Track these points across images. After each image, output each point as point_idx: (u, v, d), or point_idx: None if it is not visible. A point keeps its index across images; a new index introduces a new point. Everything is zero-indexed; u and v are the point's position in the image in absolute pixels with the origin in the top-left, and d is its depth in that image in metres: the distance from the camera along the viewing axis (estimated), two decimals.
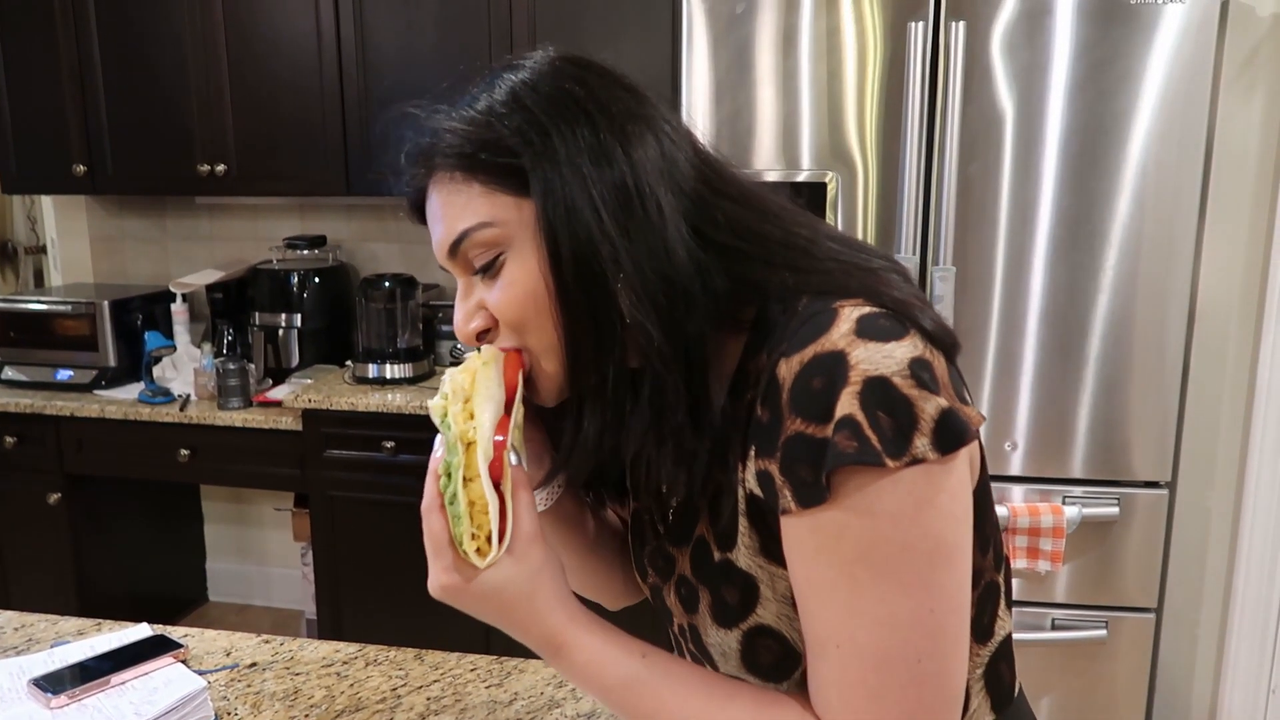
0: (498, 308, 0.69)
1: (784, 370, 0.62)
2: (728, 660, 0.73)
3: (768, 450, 0.64)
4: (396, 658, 1.21)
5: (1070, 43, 1.89)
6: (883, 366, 0.59)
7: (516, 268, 0.68)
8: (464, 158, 0.68)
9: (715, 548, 0.72)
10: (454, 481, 0.65)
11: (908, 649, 0.61)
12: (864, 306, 0.63)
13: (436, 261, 0.74)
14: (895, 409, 0.59)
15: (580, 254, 0.66)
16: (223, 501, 3.30)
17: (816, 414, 0.60)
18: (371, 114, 2.62)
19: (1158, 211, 1.92)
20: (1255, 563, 2.01)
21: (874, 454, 0.58)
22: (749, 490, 0.67)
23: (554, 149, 0.66)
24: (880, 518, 0.60)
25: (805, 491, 0.61)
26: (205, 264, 3.08)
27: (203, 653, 1.22)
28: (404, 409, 2.45)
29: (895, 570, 0.60)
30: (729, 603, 0.71)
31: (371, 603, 2.61)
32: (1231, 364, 2.04)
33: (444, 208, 0.70)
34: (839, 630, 0.62)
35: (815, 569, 0.63)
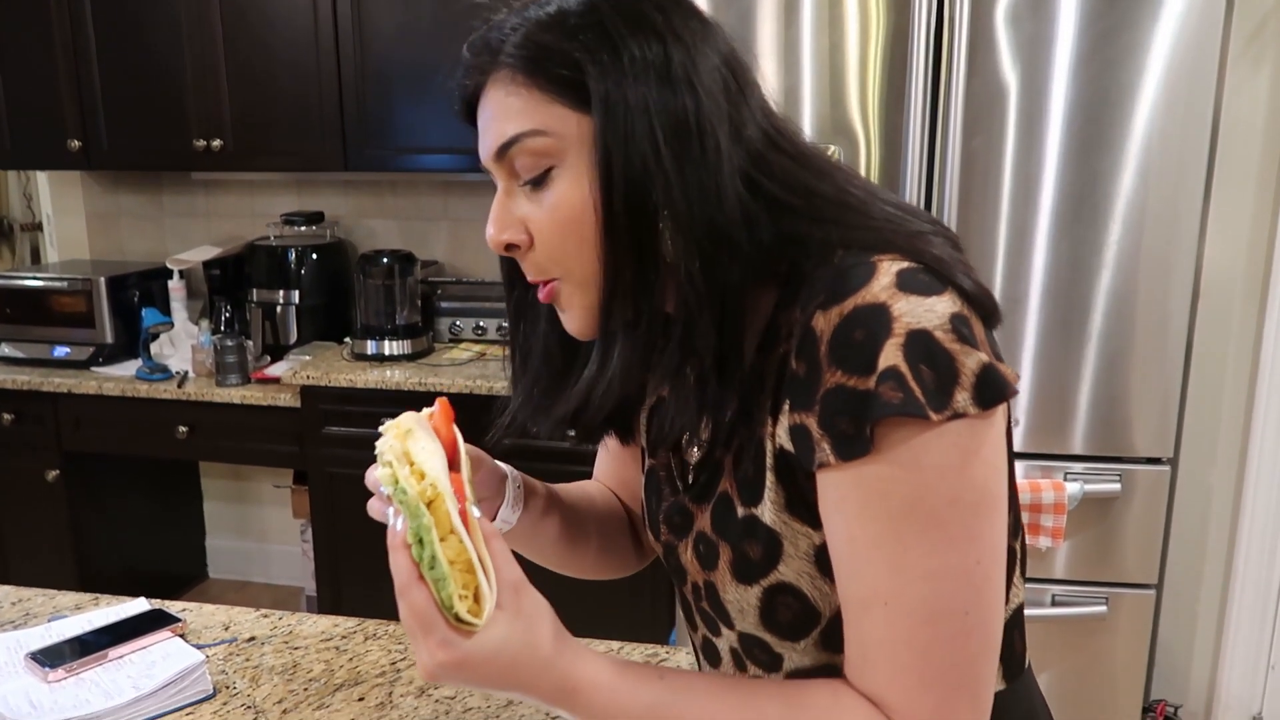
0: (541, 228, 0.67)
1: (821, 322, 0.61)
2: (745, 617, 0.72)
3: (804, 403, 0.63)
4: (395, 632, 1.21)
5: (1075, 14, 1.86)
6: (924, 320, 0.59)
7: (566, 186, 0.66)
8: (528, 60, 0.65)
9: (739, 503, 0.70)
10: (429, 545, 0.61)
11: (955, 602, 0.61)
12: (902, 261, 0.62)
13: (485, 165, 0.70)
14: (937, 362, 0.58)
15: (632, 183, 0.63)
16: (222, 478, 3.30)
17: (858, 365, 0.59)
18: (369, 89, 2.59)
19: (1162, 186, 1.90)
20: (1256, 540, 2.01)
21: (918, 406, 0.58)
22: (779, 445, 0.66)
23: (622, 68, 0.64)
24: (927, 470, 0.59)
25: (846, 444, 0.60)
26: (202, 240, 3.06)
27: (201, 627, 1.22)
28: (403, 385, 2.44)
29: (943, 523, 0.60)
30: (751, 558, 0.70)
31: (371, 579, 2.61)
32: (1235, 340, 2.03)
33: (499, 108, 0.67)
34: (886, 587, 0.61)
35: (860, 525, 0.62)
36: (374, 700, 1.06)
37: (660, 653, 1.15)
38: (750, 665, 0.76)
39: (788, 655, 0.72)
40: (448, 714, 1.04)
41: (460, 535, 0.62)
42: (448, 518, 0.62)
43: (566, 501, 0.91)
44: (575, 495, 0.94)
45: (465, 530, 0.62)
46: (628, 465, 0.96)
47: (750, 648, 0.75)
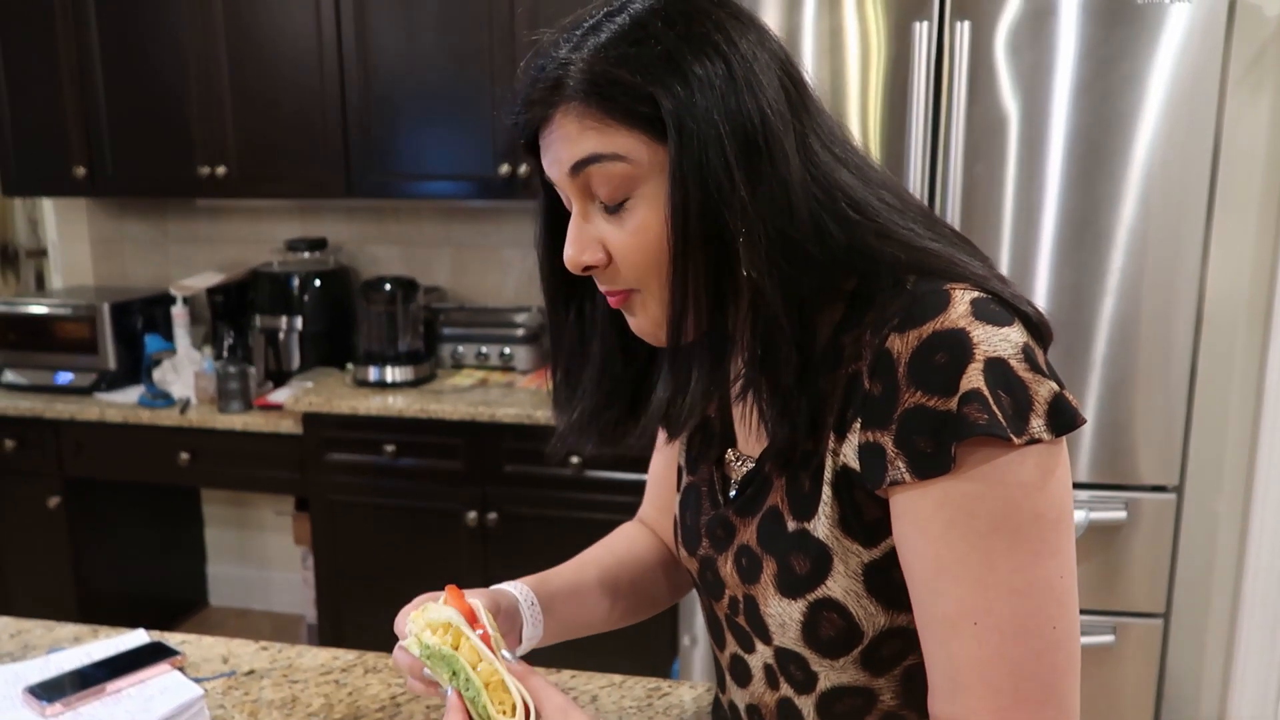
0: (622, 250, 0.69)
1: (899, 344, 0.63)
2: (786, 632, 0.72)
3: (879, 422, 0.64)
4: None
5: (1075, 43, 1.87)
6: (1000, 349, 0.61)
7: (648, 212, 0.67)
8: (598, 94, 0.66)
9: (790, 517, 0.71)
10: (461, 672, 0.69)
11: (1042, 617, 0.62)
12: (973, 290, 0.64)
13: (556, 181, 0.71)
14: (1014, 389, 0.61)
15: (708, 209, 0.65)
16: (223, 505, 3.29)
17: (940, 387, 0.61)
18: (372, 115, 2.61)
19: (1164, 213, 1.90)
20: (1264, 568, 1.99)
21: (1002, 428, 0.60)
22: (842, 463, 0.67)
23: (692, 95, 0.65)
24: (1011, 488, 0.61)
25: (923, 462, 0.62)
26: (205, 266, 3.07)
27: (200, 660, 1.21)
28: (405, 412, 2.43)
29: (1028, 539, 0.61)
30: (798, 572, 0.70)
31: (372, 607, 2.60)
32: (1239, 367, 2.02)
33: (574, 132, 0.67)
34: (975, 605, 0.62)
35: (946, 544, 0.62)
36: None
37: (662, 686, 1.14)
38: (784, 682, 0.76)
39: (824, 673, 0.72)
40: None
41: (488, 659, 0.69)
42: (473, 650, 0.69)
43: (591, 582, 0.92)
44: (600, 570, 0.94)
45: (492, 654, 0.69)
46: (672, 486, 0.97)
47: (786, 664, 0.74)
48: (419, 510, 2.50)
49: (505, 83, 2.50)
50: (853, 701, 0.73)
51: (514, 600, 0.85)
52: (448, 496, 2.47)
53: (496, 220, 2.92)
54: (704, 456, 0.83)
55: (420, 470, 2.48)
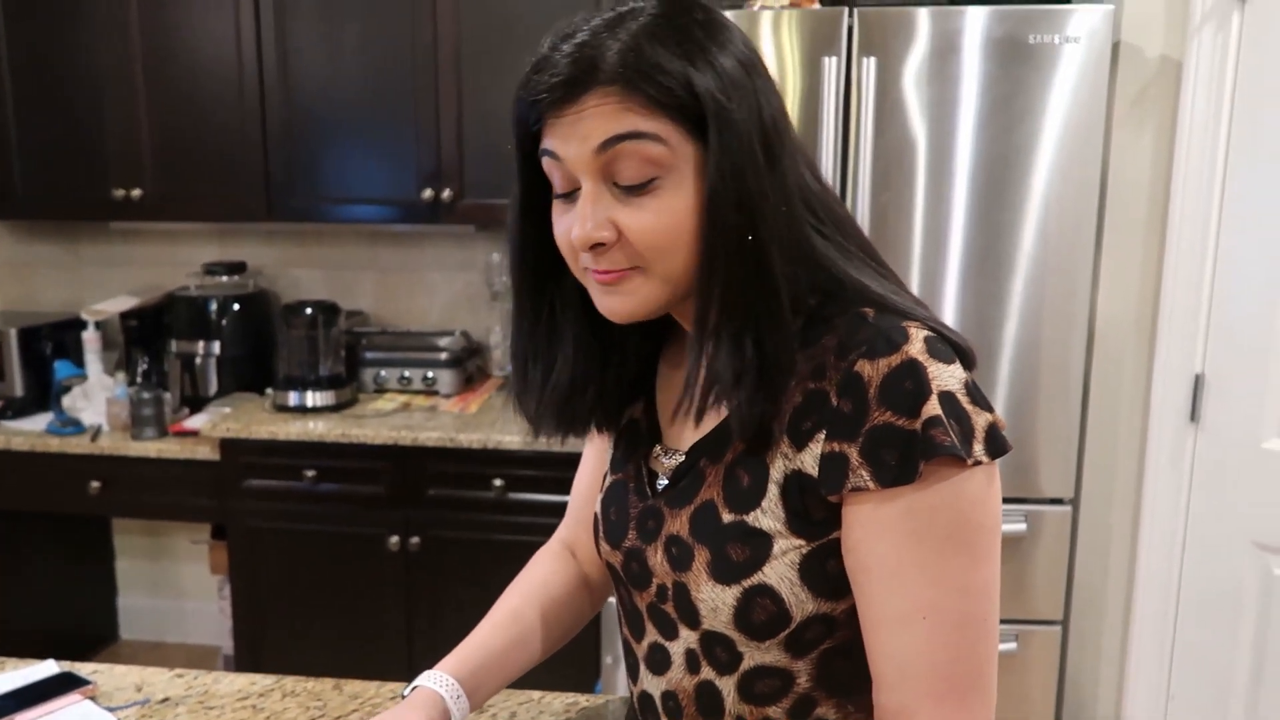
0: (641, 232, 0.72)
1: (868, 370, 0.70)
2: (717, 616, 0.77)
3: (845, 435, 0.71)
4: (314, 688, 1.20)
5: (976, 79, 1.98)
6: (949, 384, 0.70)
7: (674, 199, 0.71)
8: (641, 74, 0.69)
9: (725, 509, 0.77)
10: None
11: (979, 611, 0.71)
12: (924, 328, 0.72)
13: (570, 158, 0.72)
14: (961, 419, 0.70)
15: (743, 205, 0.70)
16: (135, 535, 3.20)
17: (907, 410, 0.69)
18: (294, 138, 2.60)
19: (1059, 241, 2.01)
20: (1154, 575, 2.10)
21: (958, 450, 0.69)
22: (795, 468, 0.74)
23: (726, 93, 0.70)
24: (964, 501, 0.70)
25: (889, 473, 0.69)
26: (119, 290, 3.00)
27: (112, 689, 1.19)
28: (326, 437, 2.42)
29: (973, 546, 0.71)
30: (734, 560, 0.75)
31: (293, 636, 2.56)
32: (1128, 385, 2.15)
33: (617, 109, 0.70)
34: (927, 601, 0.70)
35: (908, 548, 0.70)
36: None
37: (580, 700, 1.17)
38: (706, 666, 0.80)
39: (749, 654, 0.78)
40: None
41: None
42: None
43: (512, 642, 0.95)
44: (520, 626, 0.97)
45: None
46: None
47: (711, 647, 0.79)
48: (340, 535, 2.48)
49: (429, 106, 2.52)
50: (772, 682, 0.78)
51: (440, 703, 0.88)
52: (370, 521, 2.46)
53: (420, 244, 2.92)
54: (631, 454, 0.88)
55: (342, 495, 2.46)
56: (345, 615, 2.52)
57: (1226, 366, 1.97)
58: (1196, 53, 1.97)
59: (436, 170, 2.56)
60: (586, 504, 1.03)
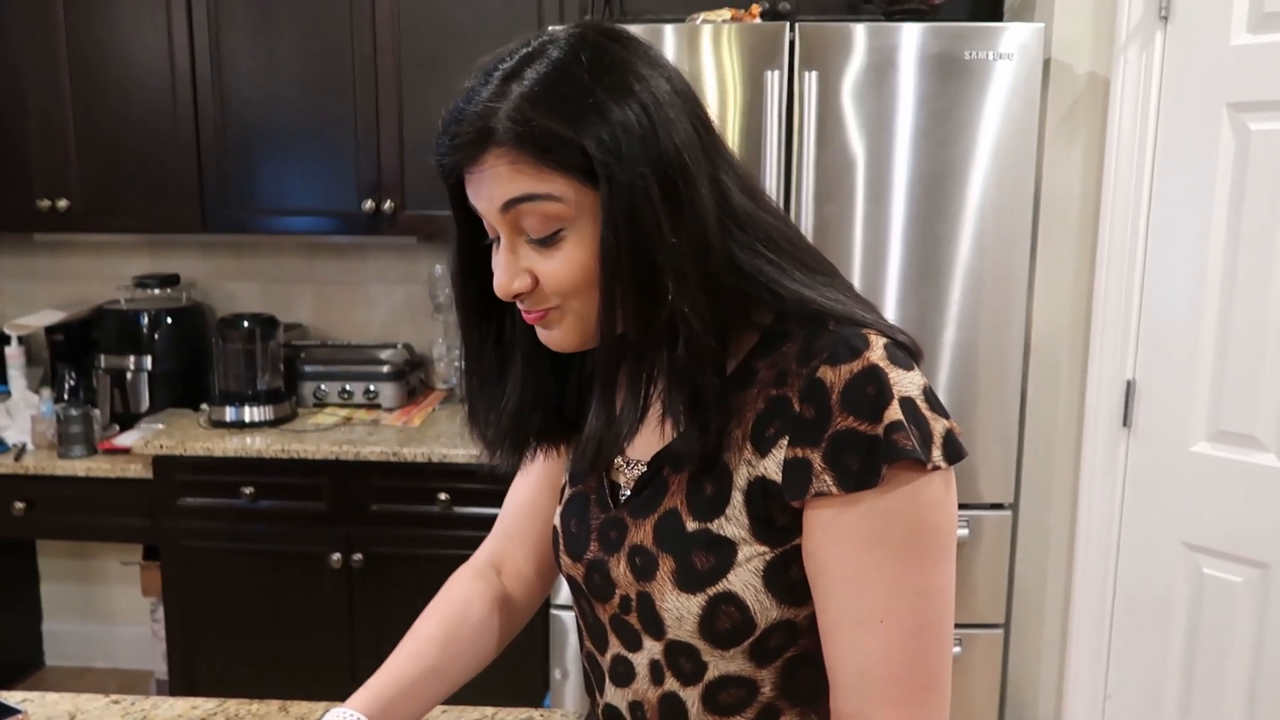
0: (552, 278, 0.74)
1: (830, 375, 0.71)
2: (682, 625, 0.77)
3: (808, 441, 0.72)
4: (259, 710, 1.17)
5: (913, 94, 2.02)
6: (909, 390, 0.72)
7: (576, 246, 0.73)
8: (528, 139, 0.70)
9: (689, 518, 0.77)
10: None
11: (936, 615, 0.72)
12: (883, 336, 0.74)
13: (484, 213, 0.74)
14: (920, 425, 0.71)
15: (637, 249, 0.71)
16: (62, 557, 3.08)
17: (869, 415, 0.70)
18: (229, 147, 2.54)
19: (995, 251, 2.06)
20: (1090, 577, 2.16)
21: (919, 454, 0.69)
22: (758, 474, 0.74)
23: (618, 143, 0.70)
24: (923, 505, 0.71)
25: (851, 478, 0.70)
26: (44, 304, 2.89)
27: (44, 717, 1.14)
28: (265, 452, 2.36)
29: (931, 549, 0.72)
30: (698, 568, 0.76)
31: (230, 658, 2.49)
32: (1064, 391, 2.20)
33: (505, 174, 0.72)
34: (885, 606, 0.71)
35: (868, 551, 0.71)
36: None
37: (535, 716, 1.15)
38: (670, 677, 0.80)
39: (714, 664, 0.78)
40: None
41: None
42: None
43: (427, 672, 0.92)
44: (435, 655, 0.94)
45: None
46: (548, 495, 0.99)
47: (676, 657, 0.79)
48: (280, 554, 2.42)
49: (369, 116, 2.49)
50: (736, 692, 0.78)
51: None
52: (311, 539, 2.41)
53: (361, 256, 2.88)
54: (591, 467, 0.87)
55: (281, 512, 2.40)
56: (285, 636, 2.45)
57: (1156, 373, 2.04)
58: (1123, 70, 2.04)
59: (377, 181, 2.52)
60: (522, 518, 1.02)
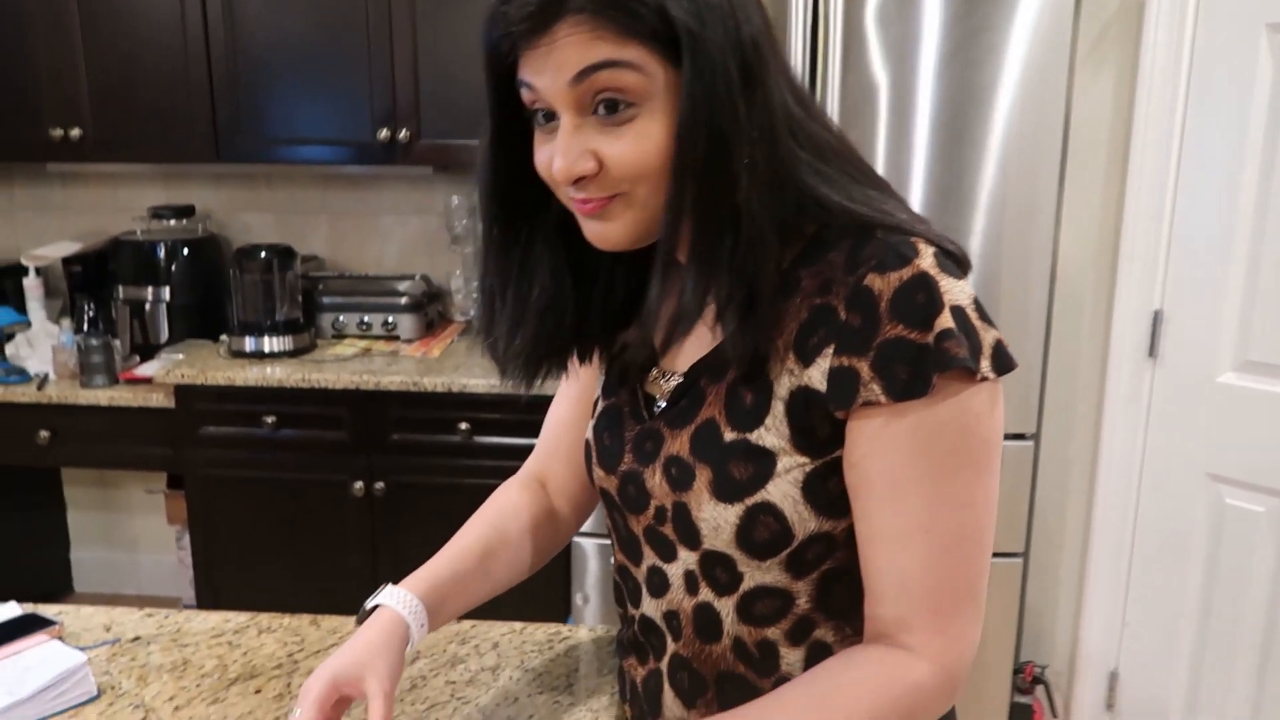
0: (619, 160, 0.70)
1: (879, 283, 0.69)
2: (719, 535, 0.76)
3: (855, 350, 0.70)
4: (291, 624, 1.18)
5: (939, 16, 1.97)
6: (960, 299, 0.70)
7: (650, 125, 0.70)
8: (613, 5, 0.67)
9: (727, 428, 0.76)
10: None
11: (977, 525, 0.71)
12: (932, 245, 0.71)
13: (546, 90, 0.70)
14: (970, 334, 0.69)
15: (714, 132, 0.68)
16: (87, 486, 3.12)
17: (919, 322, 0.68)
18: (241, 75, 2.50)
19: (1020, 178, 2.02)
20: (1111, 508, 2.16)
21: (970, 363, 0.68)
22: (802, 384, 0.73)
23: (701, 19, 0.67)
24: (970, 416, 0.70)
25: (900, 386, 0.68)
26: (59, 236, 2.89)
27: (80, 630, 1.16)
28: (285, 382, 2.37)
29: (976, 460, 0.71)
30: (736, 478, 0.74)
31: (255, 585, 2.53)
32: (1088, 322, 2.18)
33: (589, 39, 0.68)
34: (928, 516, 0.70)
35: (912, 463, 0.70)
36: (272, 692, 1.04)
37: (562, 631, 1.17)
38: (705, 587, 0.80)
39: (749, 574, 0.77)
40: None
41: None
42: None
43: (473, 569, 0.93)
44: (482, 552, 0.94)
45: None
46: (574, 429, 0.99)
47: (712, 567, 0.78)
48: (302, 483, 2.44)
49: (383, 43, 2.44)
50: (772, 603, 0.78)
51: (403, 628, 0.85)
52: (332, 468, 2.42)
53: (376, 187, 2.85)
54: (625, 380, 0.87)
55: (303, 442, 2.42)
56: (309, 563, 2.49)
57: (1184, 302, 2.01)
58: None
59: (392, 110, 2.49)
60: (564, 434, 1.01)
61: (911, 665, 0.72)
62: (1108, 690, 2.21)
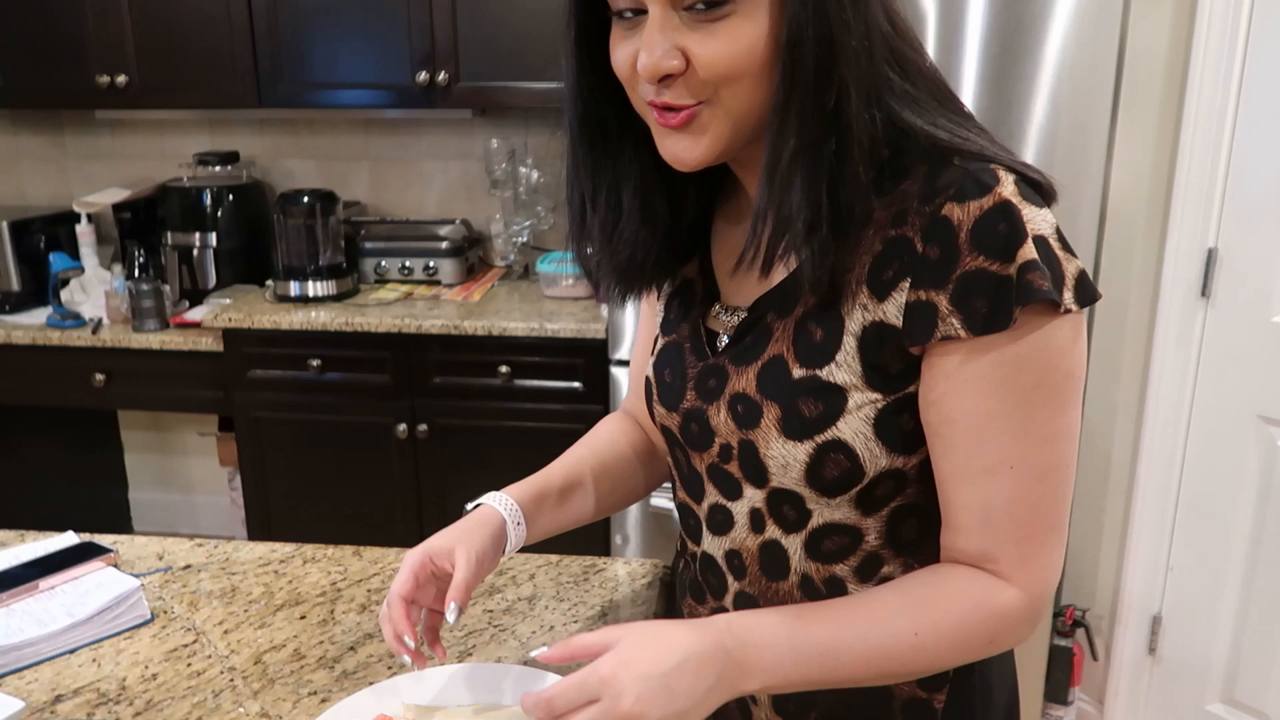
0: (711, 60, 0.67)
1: (958, 213, 0.67)
2: (788, 473, 0.75)
3: (934, 283, 0.68)
4: (334, 555, 1.21)
5: None
6: (1043, 228, 0.68)
7: (745, 26, 0.67)
8: None
9: (796, 364, 0.74)
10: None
11: (1061, 459, 0.71)
12: (1012, 172, 0.69)
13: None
14: (1053, 265, 0.67)
15: (821, 33, 0.66)
16: (143, 429, 3.22)
17: (1000, 254, 0.66)
18: (281, 20, 2.50)
19: (1072, 113, 1.96)
20: (1158, 451, 2.12)
21: (1054, 295, 0.67)
22: (876, 319, 0.71)
23: None
24: (1053, 349, 0.68)
25: (980, 320, 0.67)
26: (108, 183, 2.94)
27: (134, 558, 1.20)
28: (329, 326, 2.40)
29: (1060, 394, 0.69)
30: (806, 416, 0.73)
31: (303, 524, 2.59)
32: (1139, 261, 2.12)
33: None
34: (1014, 451, 0.69)
35: (997, 398, 0.69)
36: (316, 618, 1.07)
37: (598, 563, 1.18)
38: (771, 524, 0.79)
39: (818, 511, 0.77)
40: None
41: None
42: None
43: (576, 487, 0.96)
44: (587, 474, 0.97)
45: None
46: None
47: (779, 505, 0.78)
48: (348, 425, 2.49)
49: None
50: (840, 540, 0.78)
51: (500, 522, 0.89)
52: (376, 410, 2.47)
53: (415, 131, 2.85)
54: (686, 315, 0.86)
55: (347, 384, 2.46)
56: (356, 504, 2.54)
57: (1239, 241, 1.95)
58: None
59: (430, 52, 2.48)
60: (642, 374, 1.02)
61: (1000, 589, 0.72)
62: (1150, 634, 2.19)
